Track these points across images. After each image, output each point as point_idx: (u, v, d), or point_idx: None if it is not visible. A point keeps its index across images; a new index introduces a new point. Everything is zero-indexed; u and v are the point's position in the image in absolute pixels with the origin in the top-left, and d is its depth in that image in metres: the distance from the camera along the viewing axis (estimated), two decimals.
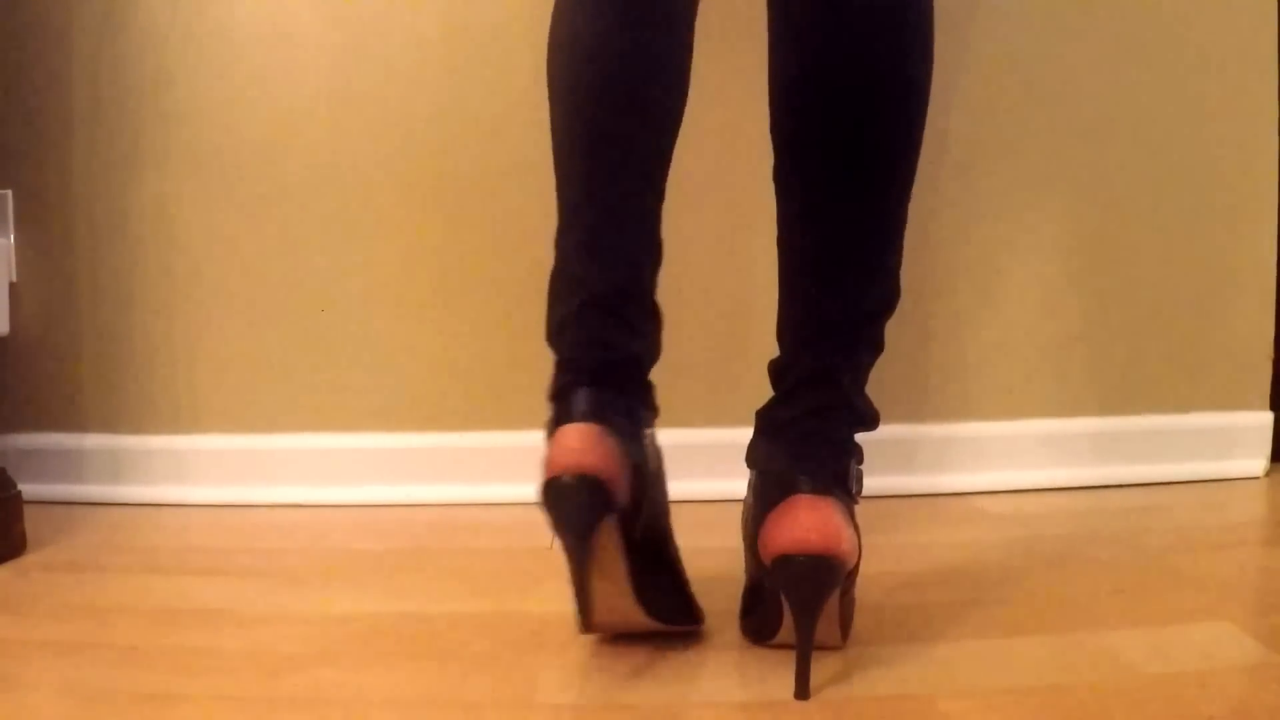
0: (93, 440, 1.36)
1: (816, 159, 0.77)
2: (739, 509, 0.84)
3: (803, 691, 0.72)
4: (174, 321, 1.35)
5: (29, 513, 1.16)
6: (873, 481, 1.33)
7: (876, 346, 0.82)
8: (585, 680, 0.77)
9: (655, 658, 0.80)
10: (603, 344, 0.76)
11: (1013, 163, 1.34)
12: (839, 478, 0.76)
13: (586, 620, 0.77)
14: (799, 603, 0.71)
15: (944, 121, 1.33)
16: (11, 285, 1.35)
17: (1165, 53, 1.34)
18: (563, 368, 0.77)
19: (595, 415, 0.72)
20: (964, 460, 1.35)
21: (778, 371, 0.82)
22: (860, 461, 0.79)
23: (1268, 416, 1.40)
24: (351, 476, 1.34)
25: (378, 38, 1.31)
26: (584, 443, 0.71)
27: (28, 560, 1.09)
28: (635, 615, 0.78)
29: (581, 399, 0.74)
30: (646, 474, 0.76)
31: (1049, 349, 1.37)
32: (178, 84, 1.32)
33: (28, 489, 1.20)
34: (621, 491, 0.72)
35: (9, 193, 1.34)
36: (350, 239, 1.33)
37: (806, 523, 0.71)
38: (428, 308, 1.33)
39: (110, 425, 1.36)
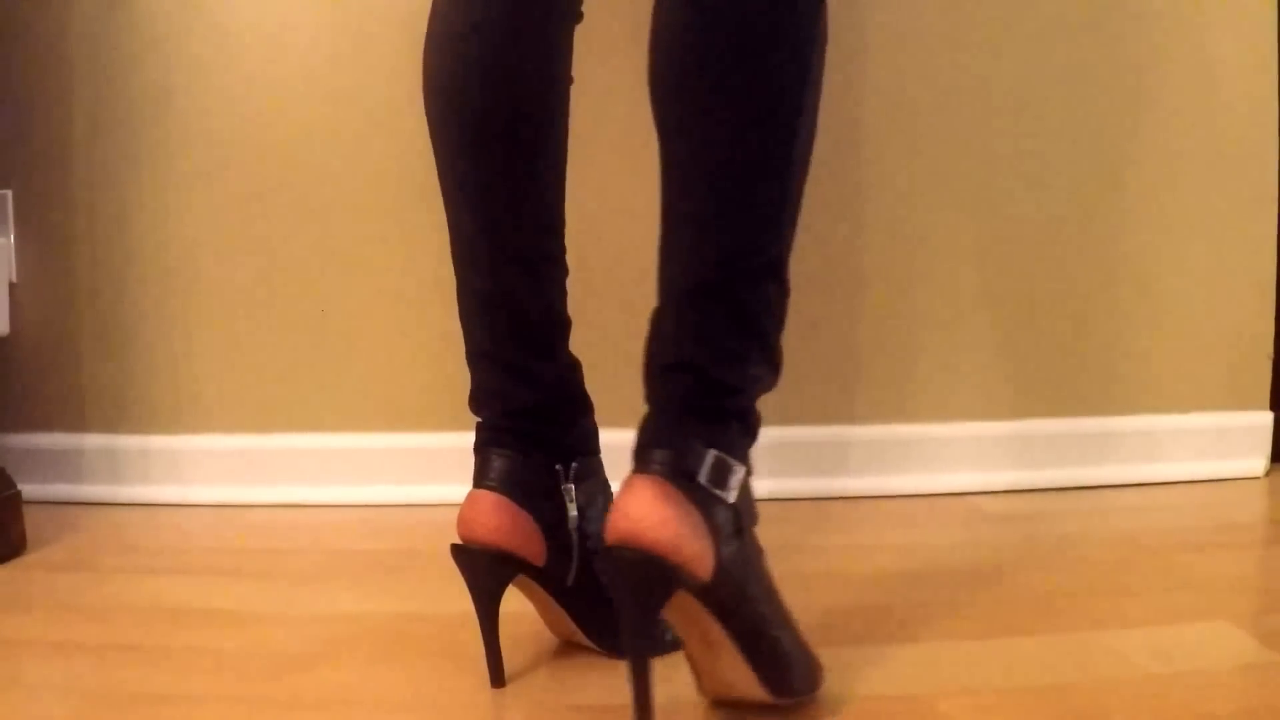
0: (93, 440, 1.36)
1: (666, 107, 0.69)
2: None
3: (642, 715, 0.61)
4: (174, 321, 1.35)
5: (29, 513, 1.16)
6: (874, 481, 1.34)
7: (731, 309, 0.66)
8: (584, 680, 0.77)
9: (655, 658, 0.80)
10: (503, 396, 0.77)
11: (1012, 163, 1.34)
12: (679, 461, 0.63)
13: (494, 675, 0.75)
14: (616, 598, 0.62)
15: (943, 125, 1.33)
16: (11, 285, 1.35)
17: (1165, 52, 1.34)
18: (482, 413, 0.78)
19: (504, 484, 0.74)
20: (963, 460, 1.35)
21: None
22: (727, 450, 0.65)
23: (1268, 416, 1.40)
24: (351, 476, 1.34)
25: (377, 39, 1.31)
26: (490, 516, 0.73)
27: (28, 560, 1.09)
28: (592, 648, 0.80)
29: (493, 464, 0.75)
30: (565, 530, 0.76)
31: (1048, 349, 1.37)
32: (177, 85, 1.32)
33: (28, 489, 1.20)
34: (533, 555, 0.74)
35: (9, 193, 1.34)
36: (350, 239, 1.33)
37: (624, 505, 0.62)
38: (427, 307, 1.33)
39: (110, 425, 1.36)
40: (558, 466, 0.77)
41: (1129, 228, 1.36)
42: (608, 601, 0.78)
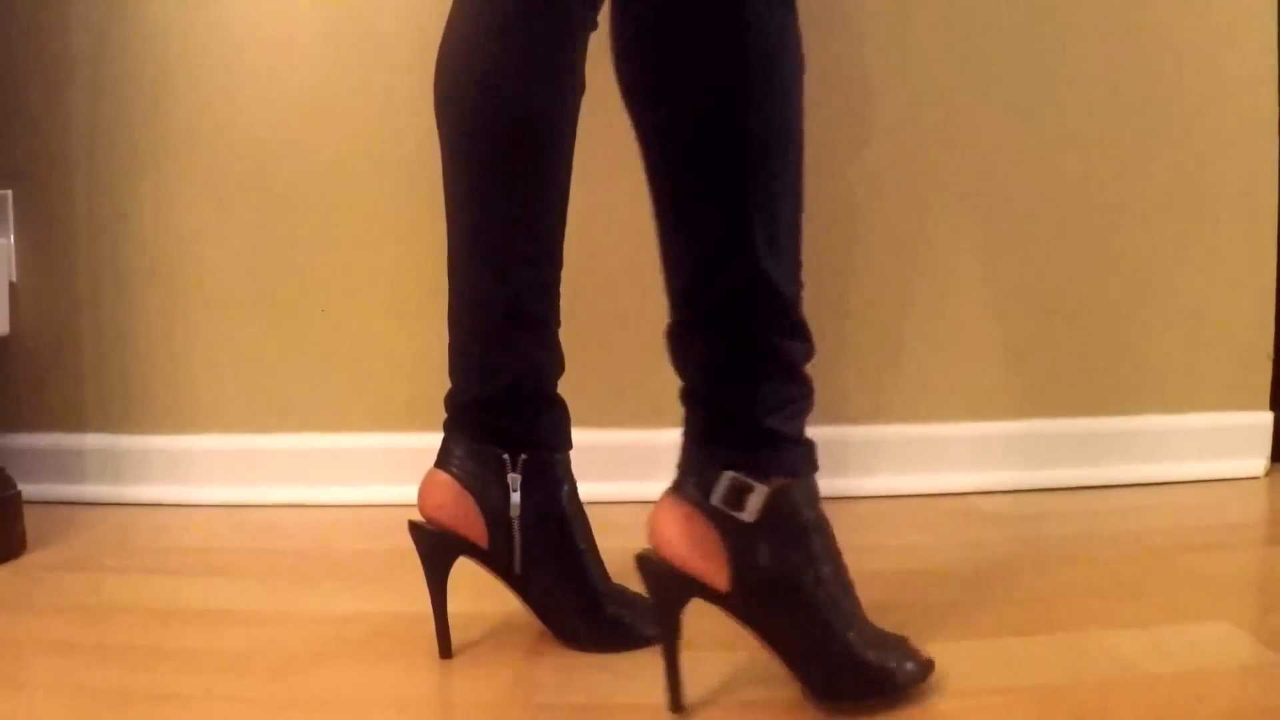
0: (93, 440, 1.36)
1: (661, 159, 0.70)
2: None
3: (675, 705, 0.71)
4: (174, 321, 1.35)
5: (29, 513, 1.16)
6: (873, 481, 1.34)
7: (740, 341, 0.70)
8: (585, 680, 0.77)
9: (655, 658, 0.80)
10: (463, 387, 0.81)
11: (1009, 163, 1.34)
12: (700, 484, 0.68)
13: (442, 646, 0.81)
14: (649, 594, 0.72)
15: (943, 126, 1.33)
16: (11, 285, 1.35)
17: (1165, 52, 1.34)
18: (447, 400, 0.83)
19: (458, 467, 0.80)
20: (964, 460, 1.35)
21: None
22: (748, 471, 0.69)
23: (1268, 416, 1.40)
24: (351, 476, 1.34)
25: (379, 40, 1.31)
26: (436, 494, 0.81)
27: (28, 560, 1.09)
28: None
29: (448, 448, 0.82)
30: (508, 517, 0.80)
31: (1049, 349, 1.37)
32: (177, 85, 1.32)
33: (28, 489, 1.20)
34: (475, 536, 0.80)
35: (9, 193, 1.34)
36: (350, 239, 1.33)
37: (652, 521, 0.71)
38: (427, 307, 1.33)
39: (110, 425, 1.36)
40: (505, 456, 0.80)
41: (1128, 228, 1.36)
42: (559, 592, 0.81)
